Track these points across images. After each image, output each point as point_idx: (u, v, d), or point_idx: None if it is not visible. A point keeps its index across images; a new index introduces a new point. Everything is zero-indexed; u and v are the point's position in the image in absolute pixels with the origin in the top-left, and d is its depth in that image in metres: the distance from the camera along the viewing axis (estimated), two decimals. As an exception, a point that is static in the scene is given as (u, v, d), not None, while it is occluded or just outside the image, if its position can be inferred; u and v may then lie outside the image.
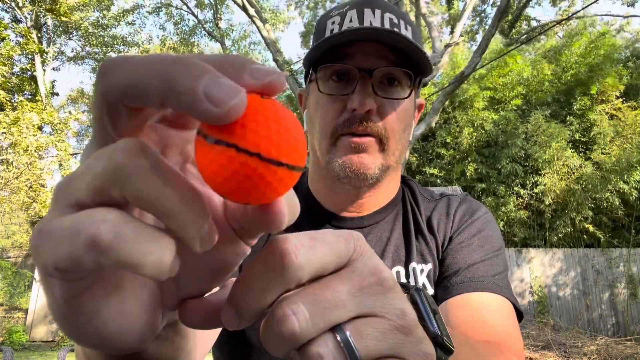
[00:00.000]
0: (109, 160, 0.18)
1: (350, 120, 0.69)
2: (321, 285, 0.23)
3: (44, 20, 14.25)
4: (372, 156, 0.70)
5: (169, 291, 0.26)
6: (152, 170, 0.19)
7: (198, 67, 0.18)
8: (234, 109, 0.18)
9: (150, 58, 0.19)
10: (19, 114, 8.11)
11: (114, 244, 0.17)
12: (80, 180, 0.19)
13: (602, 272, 8.28)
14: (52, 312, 0.22)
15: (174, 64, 0.18)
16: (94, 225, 0.17)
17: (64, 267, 0.18)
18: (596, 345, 6.66)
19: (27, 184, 8.29)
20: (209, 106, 0.17)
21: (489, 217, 0.79)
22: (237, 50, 14.22)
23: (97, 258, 0.17)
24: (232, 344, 0.72)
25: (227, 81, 0.18)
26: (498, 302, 0.66)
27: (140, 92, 0.18)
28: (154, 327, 0.25)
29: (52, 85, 14.64)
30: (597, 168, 9.06)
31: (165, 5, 13.99)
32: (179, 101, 0.18)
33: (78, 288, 0.20)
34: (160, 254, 0.19)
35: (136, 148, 0.19)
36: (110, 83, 0.19)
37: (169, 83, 0.18)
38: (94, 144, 0.22)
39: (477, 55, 7.91)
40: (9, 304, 9.58)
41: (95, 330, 0.22)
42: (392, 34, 0.66)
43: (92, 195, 0.19)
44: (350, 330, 0.23)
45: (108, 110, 0.20)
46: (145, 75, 0.18)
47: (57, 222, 0.19)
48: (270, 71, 0.20)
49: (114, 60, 0.20)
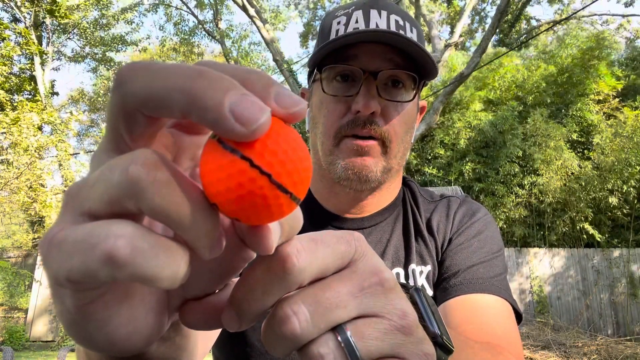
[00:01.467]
0: (126, 173, 0.18)
1: (354, 122, 0.68)
2: (322, 286, 0.23)
3: (43, 20, 14.24)
4: (374, 159, 0.70)
5: (175, 294, 0.26)
6: (169, 184, 0.18)
7: (224, 82, 0.18)
8: (259, 129, 0.18)
9: (172, 68, 0.18)
10: (19, 113, 8.11)
11: (130, 259, 0.17)
12: (93, 190, 0.19)
13: (602, 272, 8.28)
14: (62, 319, 0.22)
15: (199, 77, 0.18)
16: (110, 240, 0.17)
17: (77, 279, 0.18)
18: (596, 345, 6.66)
19: (27, 184, 8.29)
20: (235, 125, 0.17)
21: (489, 219, 0.79)
22: (237, 51, 14.20)
23: (113, 273, 0.17)
24: (232, 344, 0.72)
25: (254, 99, 0.18)
26: (497, 303, 0.66)
27: (162, 103, 0.18)
28: (161, 329, 0.25)
29: (51, 85, 14.62)
30: (595, 167, 9.06)
31: (165, 5, 13.99)
32: (204, 117, 0.17)
33: (90, 298, 0.20)
34: (175, 267, 0.18)
35: (153, 160, 0.18)
36: (130, 92, 0.19)
37: (194, 98, 0.17)
38: (107, 150, 0.21)
39: (477, 55, 7.91)
40: (9, 304, 9.58)
41: (105, 336, 0.22)
42: (398, 37, 0.66)
43: (106, 205, 0.19)
44: (351, 330, 0.23)
45: (125, 118, 0.20)
46: (167, 87, 0.18)
47: (69, 232, 0.19)
48: (296, 101, 0.20)
49: (133, 66, 0.19)
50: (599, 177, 8.80)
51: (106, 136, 0.21)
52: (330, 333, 0.23)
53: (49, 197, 8.82)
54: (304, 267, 0.22)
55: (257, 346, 0.70)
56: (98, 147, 0.22)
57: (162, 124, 0.21)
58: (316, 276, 0.23)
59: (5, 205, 8.36)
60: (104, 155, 0.21)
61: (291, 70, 9.57)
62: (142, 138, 0.21)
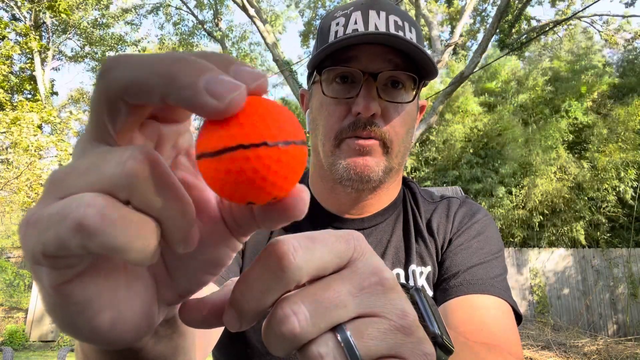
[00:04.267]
0: (121, 167, 0.19)
1: (355, 124, 0.68)
2: (322, 285, 0.23)
3: (43, 20, 14.23)
4: (376, 159, 0.70)
5: (164, 284, 0.26)
6: (161, 181, 0.20)
7: (198, 64, 0.19)
8: (234, 101, 0.19)
9: (152, 56, 0.20)
10: (19, 113, 8.10)
11: (100, 228, 0.17)
12: (82, 178, 0.19)
13: (602, 272, 8.28)
14: (45, 304, 0.22)
15: (175, 61, 0.19)
16: (80, 209, 0.17)
17: (50, 252, 0.18)
18: (596, 346, 6.66)
19: (27, 184, 8.28)
20: (210, 99, 0.18)
21: (489, 220, 0.79)
22: (237, 51, 14.19)
23: (83, 242, 0.17)
24: (232, 346, 0.72)
25: (227, 77, 0.19)
26: (497, 304, 0.66)
27: (142, 88, 0.19)
28: (150, 321, 0.25)
29: (51, 85, 14.61)
30: (592, 167, 9.07)
31: (165, 5, 13.97)
32: (180, 96, 0.18)
33: (66, 275, 0.20)
34: (146, 240, 0.19)
35: (148, 157, 0.19)
36: (113, 80, 0.20)
37: (171, 79, 0.18)
38: (91, 139, 0.22)
39: (477, 55, 7.91)
40: (9, 304, 9.58)
41: (87, 322, 0.21)
42: (397, 39, 0.66)
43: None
44: (350, 330, 0.23)
45: (108, 107, 0.20)
46: (147, 72, 0.19)
47: (44, 210, 0.19)
48: (256, 75, 0.21)
49: (116, 58, 0.20)
50: (595, 176, 8.81)
51: (90, 125, 0.22)
52: (330, 333, 0.23)
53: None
54: (301, 265, 0.22)
55: (258, 347, 0.69)
56: (81, 136, 0.22)
57: (143, 114, 0.22)
58: (314, 275, 0.23)
59: (5, 205, 8.35)
60: (87, 144, 0.22)
61: (291, 70, 9.56)
62: (125, 127, 0.21)
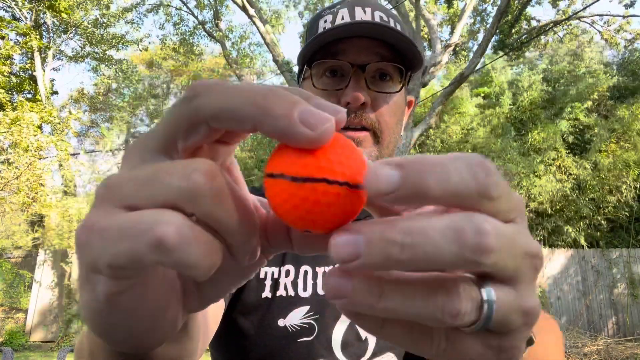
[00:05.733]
0: (188, 180, 0.19)
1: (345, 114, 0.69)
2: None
3: (43, 20, 14.24)
4: (367, 149, 0.72)
5: (191, 293, 0.26)
6: (225, 194, 0.20)
7: (291, 96, 0.20)
8: (326, 132, 0.20)
9: (245, 87, 0.21)
10: (19, 113, 8.10)
11: (177, 246, 0.18)
12: (145, 188, 0.20)
13: (602, 273, 8.29)
14: (86, 309, 0.22)
15: (270, 93, 0.20)
16: (160, 226, 0.18)
17: (120, 265, 0.19)
18: (596, 346, 6.67)
19: (27, 184, 8.28)
20: (304, 129, 0.19)
21: None
22: (237, 52, 14.18)
23: (160, 258, 0.18)
24: (227, 340, 0.72)
25: (318, 110, 0.20)
26: None
27: (234, 116, 0.20)
28: (175, 328, 0.26)
29: (51, 84, 14.62)
30: (593, 168, 9.07)
31: (165, 5, 13.97)
32: (276, 125, 0.20)
33: (123, 286, 0.21)
34: (213, 258, 0.20)
35: (213, 171, 0.20)
36: (202, 104, 0.21)
37: (266, 109, 0.20)
38: (153, 150, 0.22)
39: (477, 56, 7.91)
40: (9, 304, 9.58)
41: (127, 329, 0.22)
42: (382, 27, 0.69)
43: (155, 204, 0.20)
44: (497, 295, 0.21)
45: (187, 127, 0.22)
46: (241, 101, 0.20)
47: (112, 220, 0.19)
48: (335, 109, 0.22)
49: (207, 82, 0.22)
50: (596, 178, 8.81)
51: (155, 136, 0.22)
52: (475, 287, 0.21)
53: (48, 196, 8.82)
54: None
55: (252, 335, 0.69)
56: (139, 143, 0.23)
57: (216, 136, 0.23)
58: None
59: (5, 205, 8.36)
60: (147, 154, 0.22)
61: (291, 70, 9.57)
62: (193, 145, 0.23)
